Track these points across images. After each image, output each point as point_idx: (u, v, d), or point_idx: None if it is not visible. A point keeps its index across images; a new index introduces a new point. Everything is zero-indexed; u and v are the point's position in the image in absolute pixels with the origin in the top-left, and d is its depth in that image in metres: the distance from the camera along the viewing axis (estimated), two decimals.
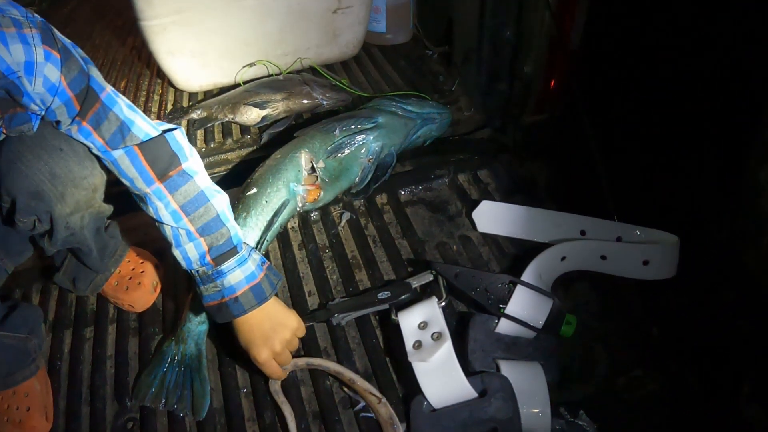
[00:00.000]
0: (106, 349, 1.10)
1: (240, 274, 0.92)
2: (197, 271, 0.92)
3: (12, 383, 1.02)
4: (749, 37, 1.01)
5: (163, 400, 1.01)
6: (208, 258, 0.91)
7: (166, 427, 1.00)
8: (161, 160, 0.89)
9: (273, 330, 0.94)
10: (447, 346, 0.96)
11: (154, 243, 1.20)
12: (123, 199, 1.03)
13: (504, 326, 1.03)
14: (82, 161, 0.92)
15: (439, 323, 0.99)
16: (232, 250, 0.92)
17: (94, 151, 0.90)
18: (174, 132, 0.92)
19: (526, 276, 1.07)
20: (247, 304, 0.92)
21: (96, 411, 1.03)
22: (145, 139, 0.88)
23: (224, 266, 0.91)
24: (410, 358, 0.96)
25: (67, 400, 1.05)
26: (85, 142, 0.88)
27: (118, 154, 0.89)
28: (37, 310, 1.10)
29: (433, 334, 0.98)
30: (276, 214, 1.15)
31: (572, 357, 1.03)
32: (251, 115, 1.54)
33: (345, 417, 0.97)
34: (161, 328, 1.13)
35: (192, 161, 0.92)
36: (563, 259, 1.13)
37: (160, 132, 0.90)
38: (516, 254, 1.17)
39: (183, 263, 0.93)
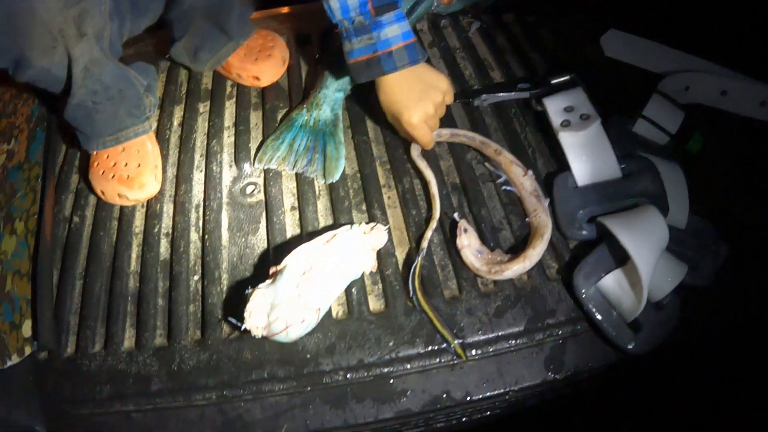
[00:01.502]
0: (223, 121, 0.98)
1: (397, 29, 0.80)
2: (352, 21, 0.80)
3: (124, 138, 0.91)
4: None
5: (292, 163, 0.90)
6: (369, 5, 0.79)
7: (292, 191, 0.90)
8: None
9: (425, 92, 0.83)
10: (597, 125, 0.87)
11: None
12: None
13: (639, 128, 0.96)
14: None
15: (588, 107, 0.88)
16: (393, 4, 0.80)
17: None
18: None
19: (653, 97, 1.01)
20: (400, 61, 0.81)
21: (211, 176, 0.92)
22: None
23: (384, 17, 0.79)
24: (558, 133, 0.87)
25: (177, 168, 0.94)
26: None
27: None
28: (153, 69, 0.99)
29: (581, 115, 0.89)
30: (416, 4, 1.03)
31: (695, 172, 0.97)
32: None
33: (485, 189, 0.88)
34: (287, 104, 1.01)
35: None
36: (687, 89, 1.06)
37: None
38: (640, 81, 1.05)
39: (337, 12, 0.79)
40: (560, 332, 0.78)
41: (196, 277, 0.84)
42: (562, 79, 0.98)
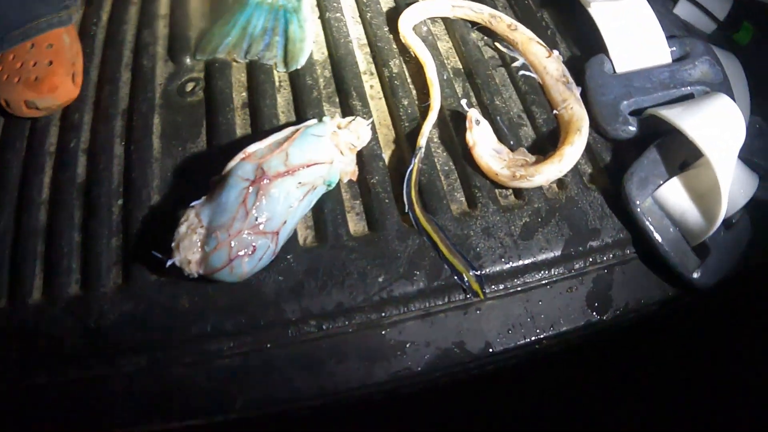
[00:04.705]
0: (158, 8, 0.60)
1: None
2: None
3: (34, 32, 0.54)
4: None
5: (244, 50, 0.54)
6: None
7: (244, 84, 0.53)
8: None
9: None
10: None
11: None
12: None
13: (682, 10, 0.63)
14: None
15: None
16: None
17: None
18: None
19: None
20: None
21: (141, 73, 0.55)
22: None
23: None
24: (590, 5, 0.51)
25: (101, 69, 0.57)
26: None
27: None
28: None
29: None
30: None
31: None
32: None
33: (498, 75, 0.53)
34: None
35: None
36: None
37: None
38: None
39: None
40: (605, 258, 0.45)
41: (119, 202, 0.49)
42: None
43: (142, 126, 0.51)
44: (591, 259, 0.45)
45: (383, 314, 0.42)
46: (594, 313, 0.45)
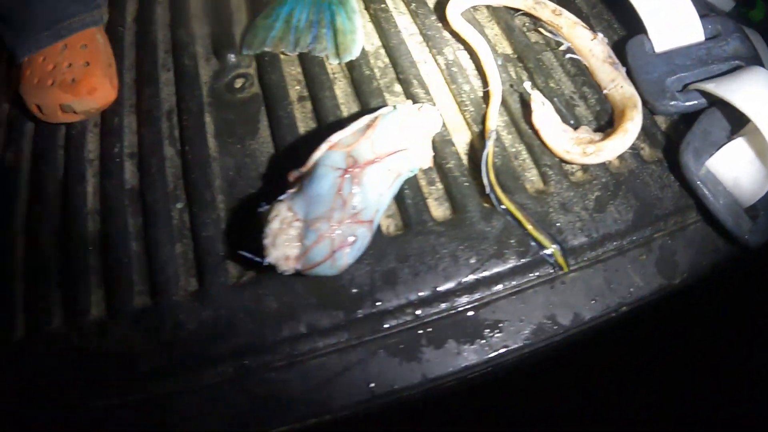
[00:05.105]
0: (188, 7, 0.56)
1: None
2: None
3: (66, 32, 0.50)
4: None
5: (292, 43, 0.51)
6: None
7: (297, 77, 0.51)
8: None
9: None
10: None
11: None
12: None
13: None
14: None
15: None
16: None
17: None
18: None
19: None
20: None
21: (183, 73, 0.52)
22: None
23: None
24: None
25: (137, 70, 0.53)
26: None
27: None
28: None
29: None
30: None
31: None
32: None
33: (545, 58, 0.52)
34: None
35: None
36: None
37: None
38: None
39: None
40: (668, 226, 0.47)
41: (179, 205, 0.46)
42: None
43: (193, 126, 0.48)
44: (656, 227, 0.46)
45: (478, 295, 0.42)
46: (664, 279, 0.46)
